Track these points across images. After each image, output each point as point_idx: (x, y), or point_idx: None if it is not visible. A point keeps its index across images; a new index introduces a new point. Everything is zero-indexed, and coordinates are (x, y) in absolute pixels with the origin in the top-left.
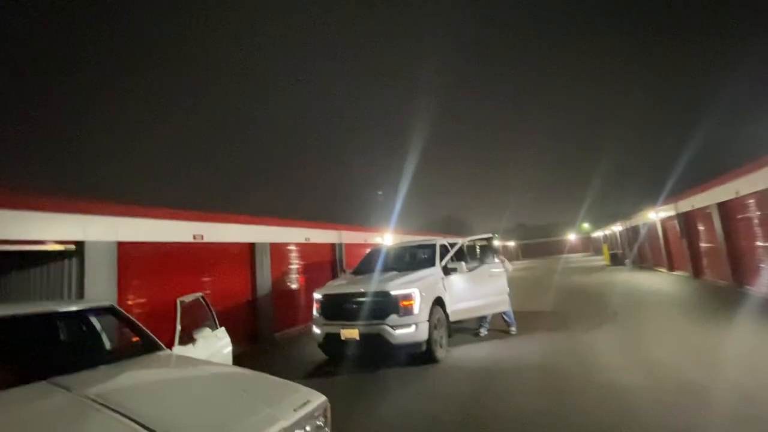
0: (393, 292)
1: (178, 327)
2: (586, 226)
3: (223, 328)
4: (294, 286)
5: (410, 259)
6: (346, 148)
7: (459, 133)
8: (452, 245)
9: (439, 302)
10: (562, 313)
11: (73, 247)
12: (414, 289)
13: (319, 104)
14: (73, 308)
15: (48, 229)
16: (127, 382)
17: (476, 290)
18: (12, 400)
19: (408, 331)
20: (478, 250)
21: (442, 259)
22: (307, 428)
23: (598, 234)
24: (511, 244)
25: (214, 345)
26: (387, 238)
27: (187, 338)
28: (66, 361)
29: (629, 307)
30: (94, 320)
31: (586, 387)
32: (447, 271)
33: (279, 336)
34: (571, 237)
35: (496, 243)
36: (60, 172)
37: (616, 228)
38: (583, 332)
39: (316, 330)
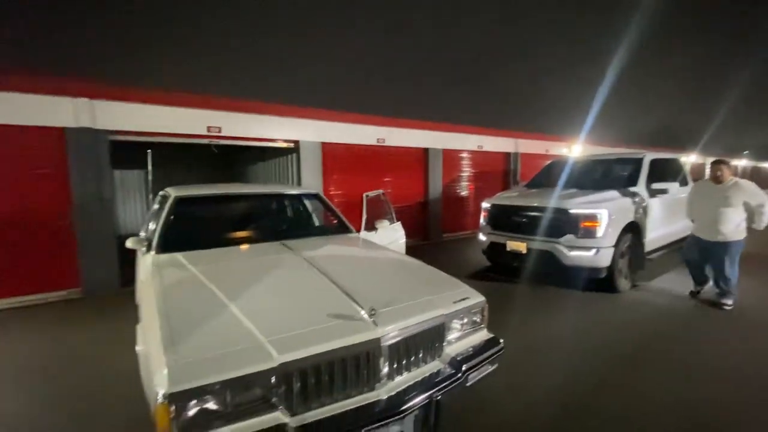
0: (572, 211)
1: (364, 216)
2: None
3: (399, 222)
4: (463, 193)
5: (602, 175)
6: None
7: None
8: (667, 162)
9: (633, 228)
10: None
11: (292, 145)
12: (601, 210)
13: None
14: (294, 192)
15: (277, 130)
16: (328, 251)
17: (680, 218)
18: (262, 250)
19: (585, 254)
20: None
21: (650, 176)
22: (464, 321)
23: None
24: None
25: (392, 235)
26: (575, 150)
27: (371, 226)
28: (289, 230)
29: None
30: (306, 202)
31: None
32: (653, 192)
33: (446, 237)
34: None
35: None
36: (271, 81)
37: None
38: None
39: (482, 237)
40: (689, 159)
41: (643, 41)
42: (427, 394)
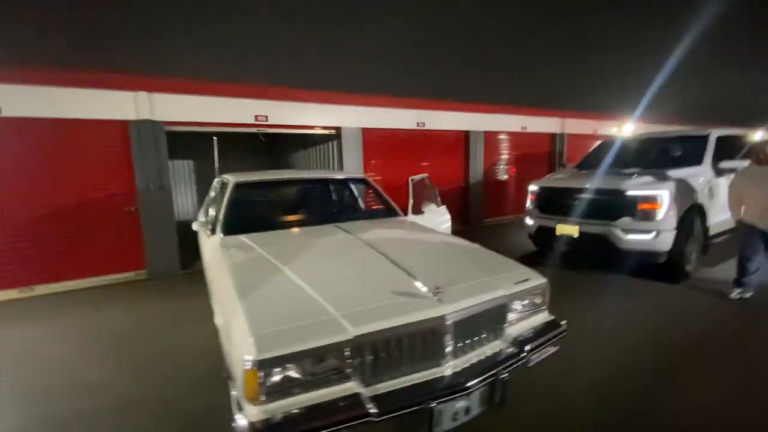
0: (629, 193)
1: (411, 200)
2: None
3: (444, 206)
4: (505, 176)
5: (662, 154)
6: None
7: None
8: (735, 139)
9: (697, 210)
10: None
11: (334, 131)
12: (662, 192)
13: None
14: (342, 177)
15: (320, 117)
16: (382, 233)
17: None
18: (319, 232)
19: (643, 237)
20: None
21: (716, 154)
22: (525, 302)
23: None
24: None
25: (437, 219)
26: (625, 129)
27: (417, 210)
28: (340, 213)
29: None
30: (352, 187)
31: None
32: (720, 171)
33: (487, 222)
34: None
35: None
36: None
37: None
38: None
39: (529, 221)
40: (757, 136)
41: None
42: (492, 372)
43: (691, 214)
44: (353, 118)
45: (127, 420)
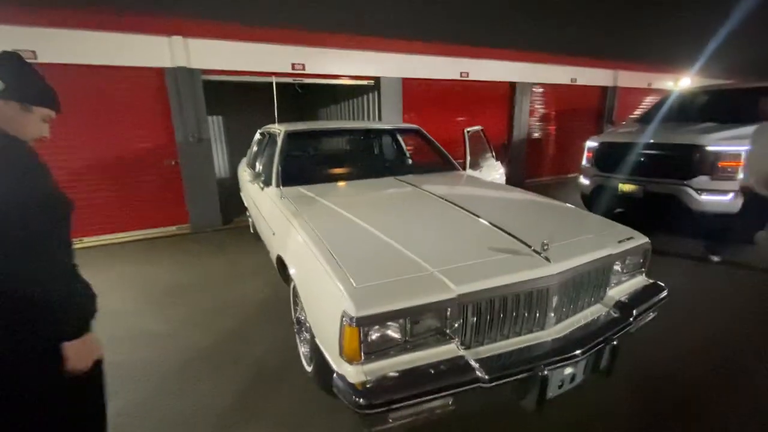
0: (710, 147)
1: (468, 154)
2: None
3: (499, 162)
4: (550, 133)
5: (741, 108)
6: None
7: None
8: None
9: None
10: None
11: (372, 82)
12: (746, 147)
13: None
14: (394, 127)
15: (359, 66)
16: (451, 187)
17: None
18: (382, 185)
19: (720, 198)
20: None
21: None
22: (627, 262)
23: None
24: None
25: (493, 174)
26: (682, 83)
27: (475, 164)
28: (396, 166)
29: None
30: (400, 139)
31: None
32: None
33: (528, 182)
34: None
35: None
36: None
37: None
38: None
39: (584, 181)
40: None
41: None
42: (602, 338)
43: None
44: (394, 67)
45: (193, 370)
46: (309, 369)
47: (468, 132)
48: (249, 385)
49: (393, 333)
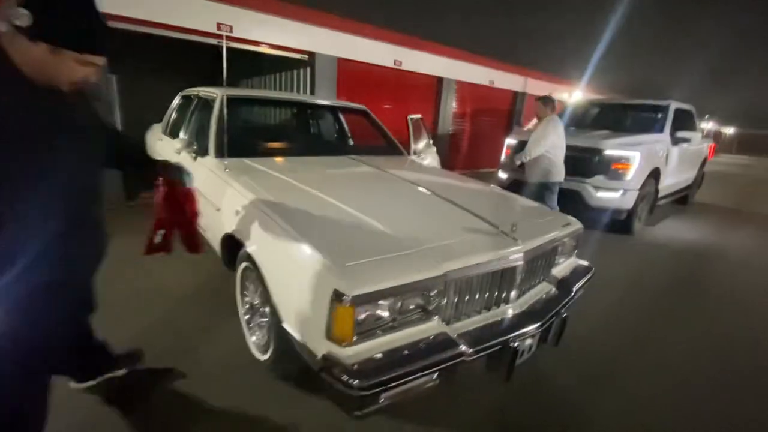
0: (607, 152)
1: (412, 139)
2: None
3: (434, 148)
4: (469, 129)
5: (624, 120)
6: None
7: None
8: (686, 112)
9: (655, 173)
10: None
11: (307, 57)
12: (635, 153)
13: None
14: (342, 105)
15: (293, 37)
16: (405, 170)
17: (686, 168)
18: (339, 163)
19: (612, 195)
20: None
21: (673, 125)
22: (566, 244)
23: None
24: (729, 131)
25: (433, 160)
26: (575, 95)
27: (417, 150)
28: (345, 145)
29: None
30: (342, 118)
31: None
32: (676, 140)
33: None
34: None
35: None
36: None
37: None
38: None
39: (502, 175)
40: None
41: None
42: (555, 311)
43: (651, 177)
44: (329, 44)
45: None
46: (264, 358)
47: (411, 119)
48: (195, 381)
49: (382, 312)
